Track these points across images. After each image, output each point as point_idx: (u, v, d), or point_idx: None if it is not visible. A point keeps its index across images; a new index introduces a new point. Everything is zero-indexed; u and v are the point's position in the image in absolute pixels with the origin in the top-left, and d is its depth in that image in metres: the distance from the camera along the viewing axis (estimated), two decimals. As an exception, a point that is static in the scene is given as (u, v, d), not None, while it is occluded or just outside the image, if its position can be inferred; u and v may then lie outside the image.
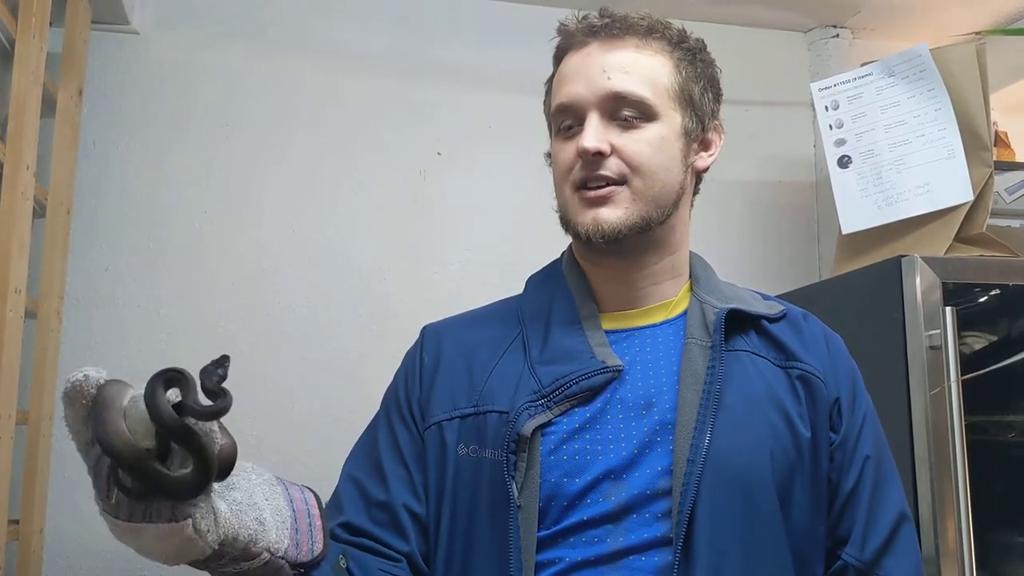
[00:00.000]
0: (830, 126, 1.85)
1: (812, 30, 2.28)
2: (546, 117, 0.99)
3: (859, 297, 1.65)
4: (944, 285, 1.49)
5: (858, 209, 1.79)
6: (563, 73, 0.95)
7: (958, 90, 1.72)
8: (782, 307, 0.97)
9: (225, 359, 0.69)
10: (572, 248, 1.01)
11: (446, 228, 2.01)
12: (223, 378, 0.68)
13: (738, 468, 0.83)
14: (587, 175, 0.89)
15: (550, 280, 1.00)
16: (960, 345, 1.45)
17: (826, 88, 1.86)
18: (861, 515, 0.89)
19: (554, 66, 0.98)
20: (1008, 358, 1.49)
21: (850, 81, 1.84)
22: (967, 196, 1.67)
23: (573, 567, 0.82)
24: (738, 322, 0.92)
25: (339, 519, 0.90)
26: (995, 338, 1.61)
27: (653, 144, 0.90)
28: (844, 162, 1.82)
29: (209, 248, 1.88)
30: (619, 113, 0.89)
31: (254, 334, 1.87)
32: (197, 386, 0.66)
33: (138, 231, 1.86)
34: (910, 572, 0.89)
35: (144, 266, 1.85)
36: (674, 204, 0.92)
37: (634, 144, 0.89)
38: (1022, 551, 1.54)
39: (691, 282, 0.98)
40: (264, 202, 1.92)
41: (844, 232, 1.81)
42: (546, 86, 0.99)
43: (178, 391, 0.65)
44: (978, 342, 1.59)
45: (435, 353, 0.97)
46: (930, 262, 1.50)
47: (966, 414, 1.42)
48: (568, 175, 0.92)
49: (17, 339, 1.45)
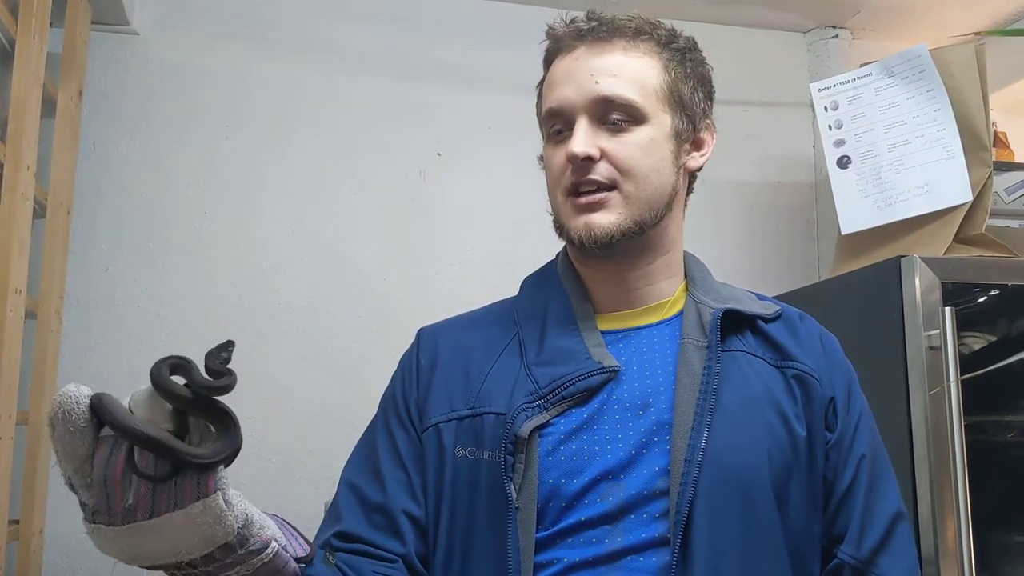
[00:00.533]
0: (829, 126, 1.85)
1: (811, 31, 2.29)
2: (538, 121, 0.99)
3: (858, 297, 1.66)
4: (943, 285, 1.49)
5: (857, 209, 1.79)
6: (552, 78, 0.94)
7: (957, 90, 1.72)
8: (778, 307, 0.97)
9: (230, 343, 0.73)
10: (567, 249, 1.01)
11: (446, 228, 2.01)
12: (227, 361, 0.71)
13: (735, 468, 0.83)
14: (577, 180, 0.89)
15: (545, 281, 1.00)
16: (959, 345, 1.45)
17: (825, 88, 1.86)
18: (857, 514, 0.89)
19: (544, 69, 0.97)
20: (1007, 358, 1.49)
21: (849, 82, 1.84)
22: (966, 196, 1.67)
23: (571, 568, 0.82)
24: (734, 322, 0.92)
25: (336, 527, 0.90)
26: (994, 338, 1.62)
27: (643, 147, 0.89)
28: (843, 162, 1.82)
29: (209, 248, 1.89)
30: (608, 117, 0.89)
31: (254, 334, 1.87)
32: (200, 369, 0.69)
33: (138, 231, 1.86)
34: (906, 570, 0.89)
35: (144, 266, 1.85)
36: (667, 206, 0.92)
37: (623, 148, 0.89)
38: (1021, 551, 1.54)
39: (687, 282, 0.98)
40: (264, 202, 1.93)
41: (843, 232, 1.81)
42: (537, 89, 0.99)
43: (180, 377, 0.67)
44: (977, 342, 1.59)
45: (431, 355, 0.97)
46: (929, 262, 1.50)
47: (965, 414, 1.42)
48: (560, 180, 0.92)
49: (17, 339, 1.45)
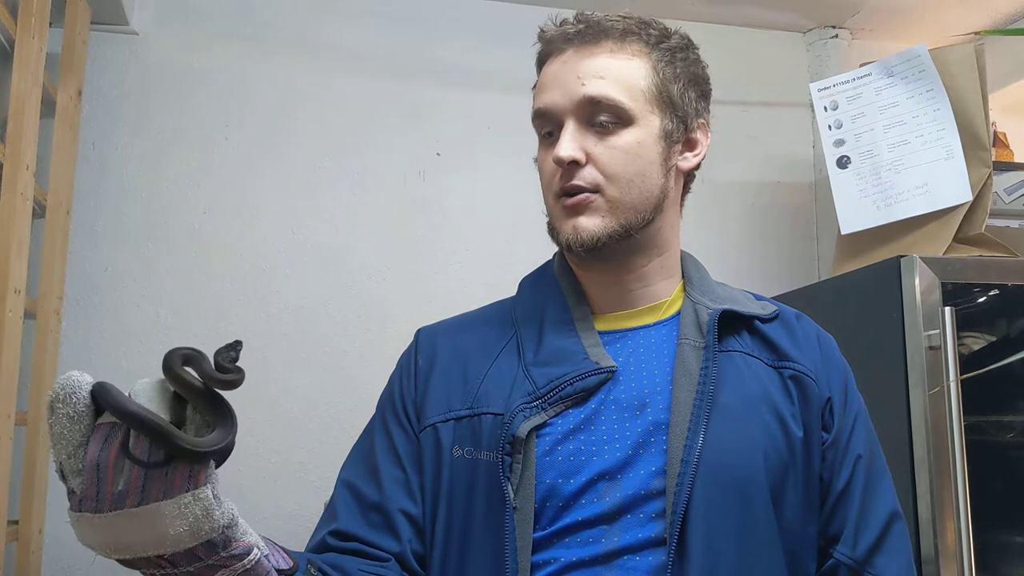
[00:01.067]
0: (829, 126, 1.85)
1: (811, 31, 2.29)
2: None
3: (858, 297, 1.66)
4: (943, 285, 1.49)
5: (857, 209, 1.79)
6: (542, 80, 0.95)
7: (957, 90, 1.72)
8: (775, 307, 0.97)
9: (238, 343, 0.74)
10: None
11: (445, 229, 2.01)
12: (235, 360, 0.72)
13: (732, 468, 0.83)
14: (564, 184, 0.90)
15: (543, 282, 1.00)
16: (959, 345, 1.45)
17: (825, 88, 1.86)
18: (853, 513, 0.89)
19: (537, 71, 0.98)
20: (1007, 358, 1.49)
21: (849, 81, 1.84)
22: (966, 196, 1.67)
23: (568, 567, 0.82)
24: (731, 322, 0.92)
25: (331, 526, 0.90)
26: (994, 338, 1.62)
27: (629, 150, 0.89)
28: (843, 162, 1.82)
29: (208, 248, 1.88)
30: (595, 119, 0.89)
31: (253, 334, 1.87)
32: (211, 363, 0.70)
33: (137, 231, 1.86)
34: (902, 569, 0.89)
35: (143, 266, 1.85)
36: (655, 208, 0.92)
37: (608, 152, 0.89)
38: (1021, 551, 1.54)
39: (684, 282, 0.98)
40: (263, 202, 1.93)
41: (843, 232, 1.81)
42: (533, 91, 0.99)
43: (191, 369, 0.68)
44: (977, 342, 1.59)
45: (430, 355, 0.97)
46: (929, 262, 1.51)
47: (965, 414, 1.42)
48: (550, 184, 0.92)
49: (16, 340, 1.45)
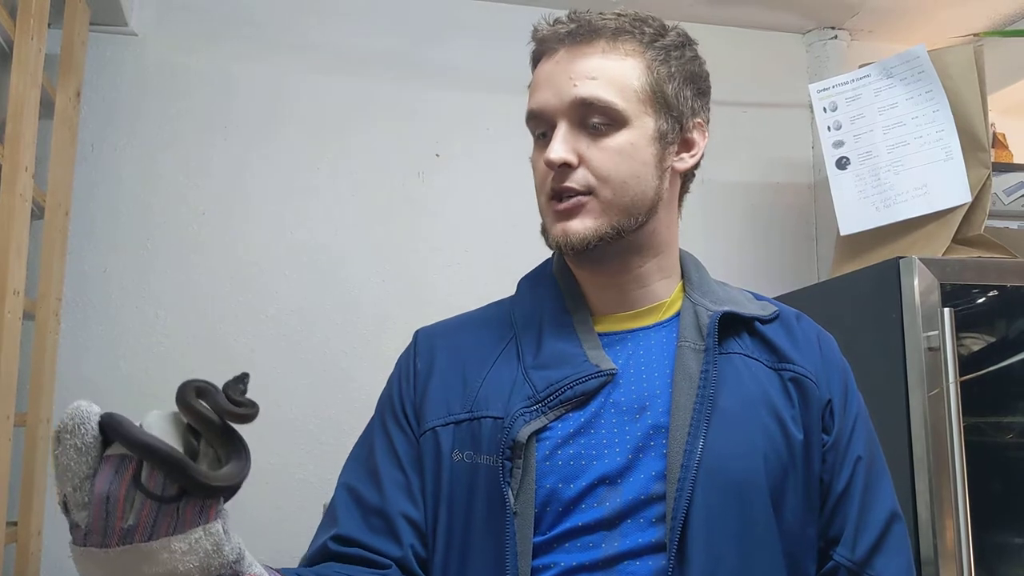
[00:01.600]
0: (828, 128, 1.85)
1: (810, 32, 2.29)
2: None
3: (857, 298, 1.66)
4: (942, 286, 1.49)
5: (856, 210, 1.79)
6: (535, 81, 0.93)
7: (956, 92, 1.72)
8: (775, 307, 0.96)
9: (245, 376, 0.72)
10: None
11: (444, 229, 2.01)
12: (244, 392, 0.70)
13: (732, 472, 0.83)
14: (556, 186, 0.89)
15: (541, 282, 0.99)
16: (958, 346, 1.45)
17: (824, 90, 1.86)
18: (852, 515, 0.89)
19: (531, 70, 0.96)
20: (1006, 359, 1.49)
21: (848, 83, 1.84)
22: (965, 198, 1.67)
23: (568, 572, 0.81)
24: (731, 324, 0.91)
25: (332, 531, 0.89)
26: (993, 339, 1.62)
27: (622, 152, 0.88)
28: (842, 163, 1.82)
29: (206, 250, 1.88)
30: (588, 120, 0.88)
31: (251, 336, 1.87)
32: (223, 396, 0.67)
33: (136, 232, 1.86)
34: (901, 570, 0.89)
35: (141, 268, 1.85)
36: (650, 210, 0.90)
37: (601, 154, 0.87)
38: (1020, 552, 1.54)
39: (683, 283, 0.97)
40: (261, 204, 1.92)
41: (842, 233, 1.81)
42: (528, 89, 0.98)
43: (204, 402, 0.66)
44: (976, 343, 1.59)
45: (428, 358, 0.97)
46: (928, 263, 1.50)
47: (964, 415, 1.42)
48: (543, 185, 0.91)
49: (15, 341, 1.45)
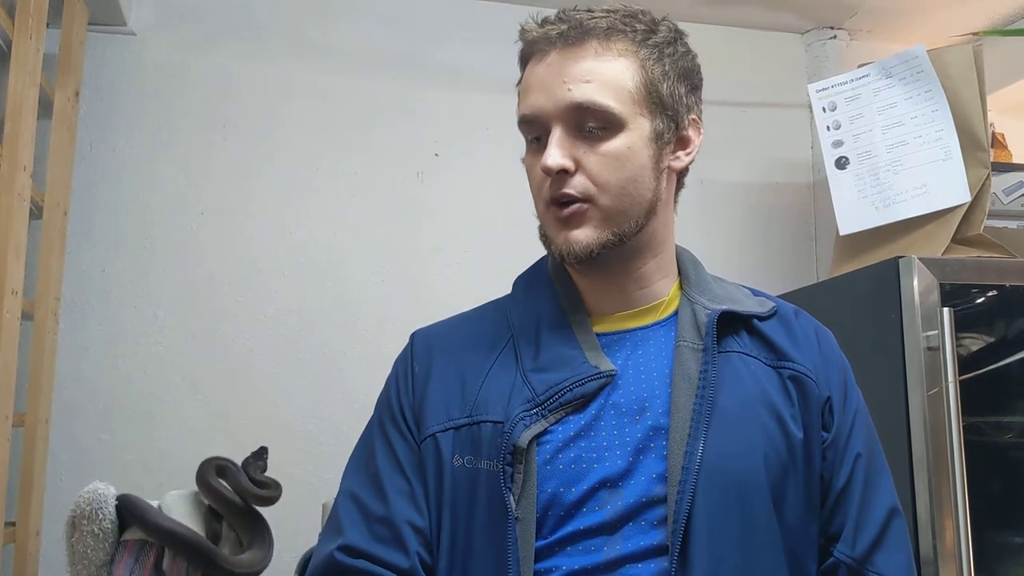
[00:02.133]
0: (827, 127, 1.85)
1: (809, 32, 2.29)
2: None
3: (857, 298, 1.66)
4: (942, 286, 1.49)
5: (856, 210, 1.79)
6: (526, 84, 0.92)
7: (955, 91, 1.72)
8: (773, 304, 0.96)
9: (263, 450, 0.71)
10: None
11: (444, 229, 2.00)
12: (264, 469, 0.69)
13: (733, 473, 0.83)
14: (554, 192, 0.88)
15: (537, 283, 0.98)
16: (957, 346, 1.45)
17: (823, 89, 1.86)
18: (852, 512, 0.88)
19: (520, 69, 0.95)
20: (1005, 359, 1.49)
21: (847, 82, 1.84)
22: (964, 197, 1.67)
23: (570, 575, 0.81)
24: (729, 322, 0.91)
25: (339, 541, 0.87)
26: (992, 339, 1.62)
27: (620, 157, 0.86)
28: (842, 163, 1.82)
29: (205, 249, 1.88)
30: (584, 125, 0.86)
31: (250, 336, 1.87)
32: (244, 475, 0.66)
33: (134, 232, 1.86)
34: (901, 566, 0.89)
35: (140, 267, 1.85)
36: (649, 212, 0.90)
37: (598, 160, 0.86)
38: (1019, 552, 1.54)
39: (681, 280, 0.97)
40: (260, 204, 1.92)
41: (842, 233, 1.81)
42: (517, 89, 0.96)
43: (225, 482, 0.65)
44: (975, 343, 1.59)
45: (426, 362, 0.96)
46: (928, 263, 1.50)
47: (964, 415, 1.42)
48: (540, 191, 0.90)
49: (14, 341, 1.45)
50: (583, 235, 0.87)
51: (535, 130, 0.91)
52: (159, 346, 1.83)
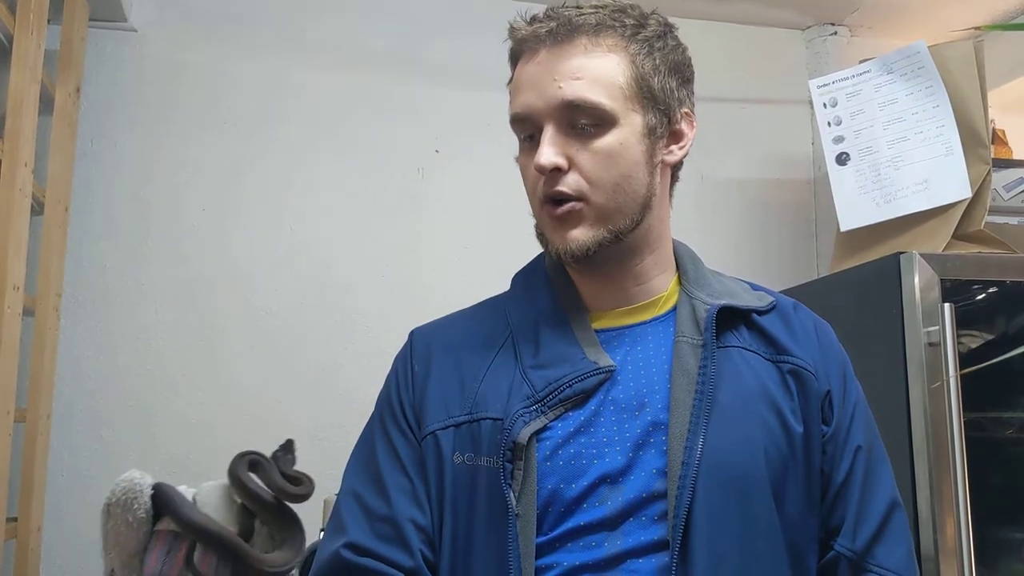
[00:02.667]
0: (828, 123, 1.85)
1: (810, 28, 2.28)
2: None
3: (858, 294, 1.66)
4: (942, 282, 1.49)
5: (856, 206, 1.79)
6: (517, 82, 0.91)
7: (956, 87, 1.72)
8: (771, 298, 0.96)
9: (290, 443, 0.71)
10: None
11: (445, 226, 2.01)
12: (294, 462, 0.69)
13: (733, 468, 0.83)
14: (548, 190, 0.88)
15: (536, 279, 0.98)
16: (958, 342, 1.45)
17: (824, 85, 1.86)
18: (852, 505, 0.89)
19: (511, 67, 0.94)
20: (1006, 354, 1.49)
21: (848, 78, 1.84)
22: (965, 193, 1.67)
23: (571, 571, 0.81)
24: (728, 317, 0.91)
25: (342, 539, 0.87)
26: (993, 335, 1.62)
27: (612, 154, 0.86)
28: (842, 159, 1.82)
29: (206, 246, 1.88)
30: (576, 122, 0.86)
31: (249, 332, 1.87)
32: (277, 470, 0.66)
33: (135, 228, 1.86)
34: (901, 558, 0.89)
35: (141, 263, 1.85)
36: (644, 208, 0.90)
37: (592, 158, 0.86)
38: (1020, 547, 1.54)
39: (679, 275, 0.97)
40: (261, 200, 1.92)
41: (843, 229, 1.81)
42: (508, 89, 0.95)
43: (257, 477, 0.65)
44: (976, 339, 1.59)
45: (425, 360, 0.96)
46: (928, 259, 1.50)
47: (964, 411, 1.42)
48: (535, 190, 0.90)
49: (15, 336, 1.45)
50: (580, 234, 0.87)
51: (527, 129, 0.90)
52: (160, 343, 1.83)
